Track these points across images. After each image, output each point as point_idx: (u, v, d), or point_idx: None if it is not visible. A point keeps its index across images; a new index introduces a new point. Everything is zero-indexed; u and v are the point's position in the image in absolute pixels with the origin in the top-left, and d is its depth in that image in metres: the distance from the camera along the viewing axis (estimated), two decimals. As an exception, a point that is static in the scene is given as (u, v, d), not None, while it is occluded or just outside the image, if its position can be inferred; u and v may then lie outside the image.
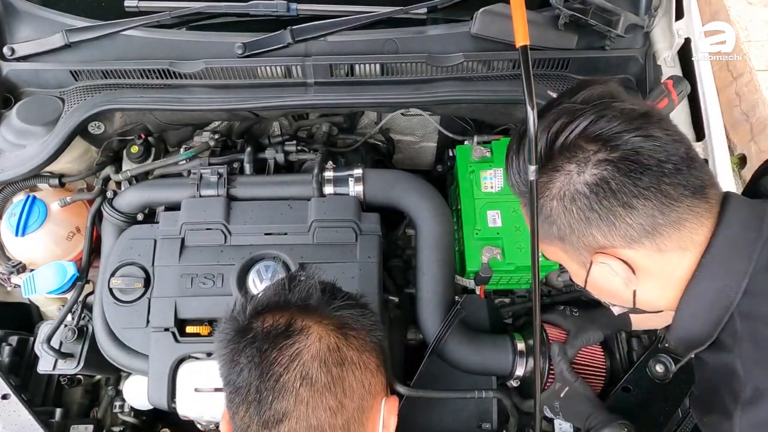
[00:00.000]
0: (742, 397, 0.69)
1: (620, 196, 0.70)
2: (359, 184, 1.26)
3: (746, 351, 0.70)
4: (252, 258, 1.20)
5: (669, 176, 0.70)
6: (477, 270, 1.21)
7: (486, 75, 1.26)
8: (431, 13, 1.26)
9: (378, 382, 0.75)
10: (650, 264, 0.74)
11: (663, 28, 1.30)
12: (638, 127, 0.71)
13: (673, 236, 0.72)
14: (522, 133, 0.79)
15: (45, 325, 1.29)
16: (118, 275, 1.21)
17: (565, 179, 0.74)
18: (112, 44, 1.28)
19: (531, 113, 0.70)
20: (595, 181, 0.71)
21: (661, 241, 0.72)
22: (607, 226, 0.72)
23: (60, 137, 1.26)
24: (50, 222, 1.34)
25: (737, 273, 0.70)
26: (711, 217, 0.73)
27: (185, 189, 1.28)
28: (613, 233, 0.73)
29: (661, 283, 0.76)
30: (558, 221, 0.76)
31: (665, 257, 0.73)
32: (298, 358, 0.68)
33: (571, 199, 0.74)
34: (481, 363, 1.19)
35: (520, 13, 0.79)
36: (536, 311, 0.84)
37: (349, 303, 0.76)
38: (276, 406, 0.67)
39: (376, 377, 0.75)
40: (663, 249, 0.73)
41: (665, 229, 0.71)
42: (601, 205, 0.71)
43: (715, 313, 0.72)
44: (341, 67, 1.25)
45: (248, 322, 0.72)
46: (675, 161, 0.70)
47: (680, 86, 1.17)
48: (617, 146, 0.70)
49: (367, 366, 0.73)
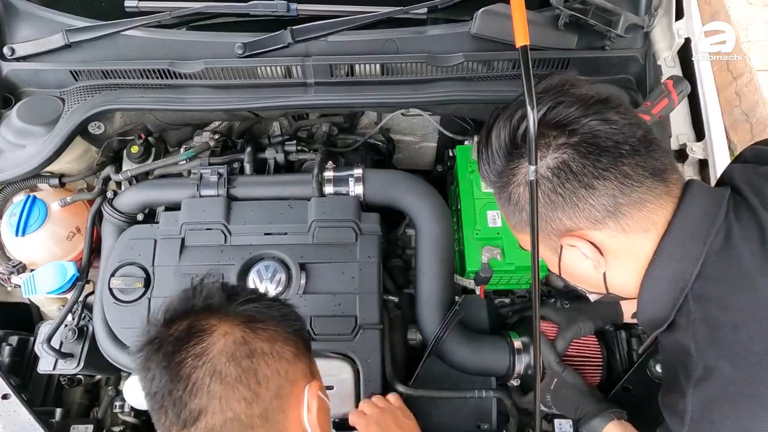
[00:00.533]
0: (694, 376, 0.71)
1: (581, 178, 0.73)
2: (359, 184, 1.26)
3: (699, 331, 0.72)
4: (252, 258, 1.20)
5: (627, 157, 0.73)
6: (477, 270, 1.21)
7: (486, 75, 1.25)
8: (431, 13, 1.26)
9: (297, 369, 0.77)
10: (616, 245, 0.77)
11: (663, 28, 1.30)
12: (595, 112, 0.74)
13: (636, 216, 0.74)
14: (490, 126, 0.82)
15: (45, 325, 1.29)
16: (118, 275, 1.21)
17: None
18: (112, 44, 1.28)
19: (531, 113, 0.70)
20: (557, 165, 0.74)
21: (624, 222, 0.74)
22: (571, 208, 0.75)
23: (60, 137, 1.26)
24: (50, 222, 1.34)
25: (692, 257, 0.73)
26: (671, 200, 0.76)
27: (185, 189, 1.28)
28: (578, 215, 0.75)
29: (627, 265, 0.78)
30: (526, 207, 0.79)
31: (630, 238, 0.76)
32: (205, 356, 0.70)
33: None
34: (479, 363, 1.19)
35: (520, 13, 0.79)
36: (536, 311, 0.84)
37: (252, 298, 0.77)
38: (191, 405, 0.69)
39: (294, 365, 0.76)
40: (627, 229, 0.75)
41: (627, 209, 0.74)
42: (564, 188, 0.74)
43: (672, 295, 0.75)
44: (341, 67, 1.25)
45: (156, 331, 0.73)
46: (632, 143, 0.73)
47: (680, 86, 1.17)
48: (575, 130, 0.73)
49: (282, 355, 0.75)
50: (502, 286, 1.31)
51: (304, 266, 1.18)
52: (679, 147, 1.28)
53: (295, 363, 0.77)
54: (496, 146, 0.81)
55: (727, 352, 0.69)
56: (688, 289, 0.73)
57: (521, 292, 1.35)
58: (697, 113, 1.29)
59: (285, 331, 0.78)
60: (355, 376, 1.14)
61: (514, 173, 0.80)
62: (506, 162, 0.80)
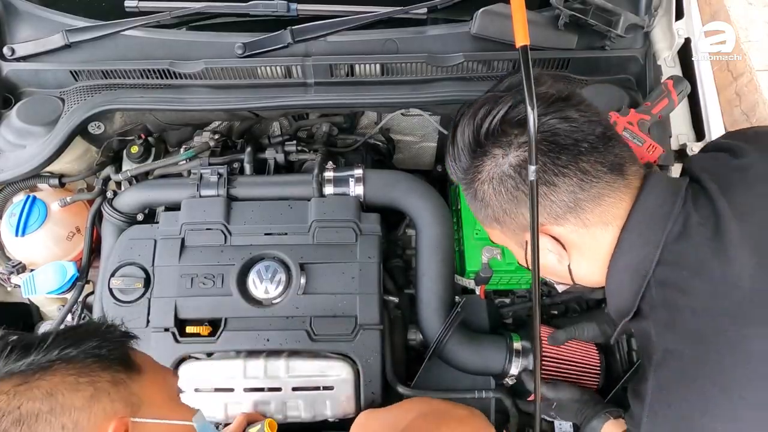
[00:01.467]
0: (655, 359, 0.73)
1: (542, 175, 0.75)
2: (359, 184, 1.26)
3: (659, 316, 0.74)
4: (252, 258, 1.20)
5: (586, 154, 0.75)
6: (477, 270, 1.21)
7: (486, 75, 1.25)
8: (431, 13, 1.26)
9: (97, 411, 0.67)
10: (577, 239, 0.79)
11: (663, 28, 1.30)
12: (555, 110, 0.76)
13: (595, 211, 0.77)
14: (456, 123, 0.84)
15: (45, 325, 1.29)
16: (118, 275, 1.21)
17: (492, 163, 0.79)
18: (112, 44, 1.27)
19: (531, 113, 0.70)
20: (519, 163, 0.77)
21: (584, 216, 0.77)
22: None
23: (60, 137, 1.26)
24: (50, 222, 1.34)
25: (652, 244, 0.75)
26: (630, 193, 0.78)
27: (185, 189, 1.28)
28: (540, 211, 0.77)
29: (590, 257, 0.81)
30: (491, 203, 0.82)
31: (590, 232, 0.78)
32: None
33: (499, 181, 0.79)
34: (478, 363, 1.19)
35: (520, 13, 0.79)
36: (536, 311, 0.84)
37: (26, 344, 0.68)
38: None
39: (91, 407, 0.67)
40: (587, 224, 0.77)
41: (586, 204, 0.76)
42: (526, 185, 0.76)
43: (635, 284, 0.76)
44: (341, 67, 1.25)
45: None
46: (591, 140, 0.75)
47: (680, 86, 1.17)
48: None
49: (71, 403, 0.65)
50: (502, 286, 1.31)
51: (304, 266, 1.18)
52: (679, 147, 1.28)
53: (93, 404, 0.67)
54: (461, 144, 0.83)
55: (684, 336, 0.71)
56: (650, 276, 0.75)
57: (521, 292, 1.35)
58: (697, 113, 1.29)
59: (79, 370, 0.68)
60: (355, 376, 1.14)
61: (479, 170, 0.81)
62: (471, 159, 0.82)
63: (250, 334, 1.15)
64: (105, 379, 0.70)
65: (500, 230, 0.86)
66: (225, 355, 1.16)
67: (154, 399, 0.74)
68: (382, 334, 1.16)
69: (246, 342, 1.15)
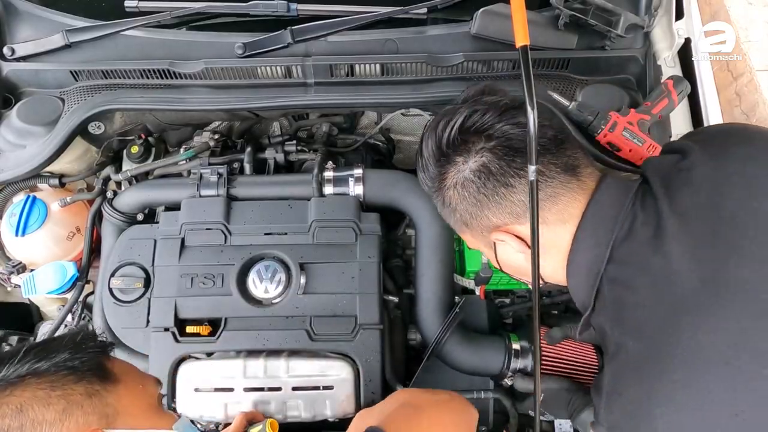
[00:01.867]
0: (609, 353, 0.79)
1: (500, 178, 0.81)
2: (359, 184, 1.26)
3: (610, 312, 0.80)
4: (252, 258, 1.20)
5: (540, 156, 0.79)
6: (477, 270, 1.21)
7: (486, 75, 1.25)
8: (431, 13, 1.26)
9: (64, 428, 0.68)
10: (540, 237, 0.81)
11: (663, 28, 1.30)
12: (509, 117, 0.82)
13: (552, 209, 0.82)
14: (422, 136, 0.90)
15: (45, 325, 1.29)
16: (118, 275, 1.21)
17: (455, 170, 0.85)
18: (112, 44, 1.28)
19: (531, 113, 0.70)
20: (478, 168, 0.82)
21: (543, 215, 0.82)
22: (495, 205, 0.83)
23: (60, 137, 1.26)
24: (50, 222, 1.34)
25: (602, 244, 0.80)
26: (585, 193, 0.83)
27: (185, 189, 1.28)
28: (502, 211, 0.83)
29: (553, 255, 0.86)
30: (458, 208, 0.87)
31: (550, 229, 0.83)
32: None
33: (462, 186, 0.85)
34: (477, 363, 1.19)
35: (520, 13, 0.79)
36: (536, 311, 0.84)
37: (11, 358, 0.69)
38: None
39: (57, 426, 0.67)
40: (546, 222, 0.82)
41: (544, 203, 0.81)
42: (486, 188, 0.82)
43: (590, 281, 0.82)
44: (341, 67, 1.25)
45: None
46: (543, 143, 0.80)
47: (680, 86, 1.17)
48: (491, 135, 0.82)
49: (37, 422, 0.66)
50: (502, 286, 1.31)
51: (304, 266, 1.18)
52: (679, 147, 1.28)
53: (66, 418, 0.68)
54: (427, 154, 0.88)
55: (630, 329, 0.76)
56: (601, 273, 0.80)
57: (521, 292, 1.36)
58: (697, 113, 1.29)
59: (51, 384, 0.68)
60: (355, 376, 1.14)
61: (444, 177, 0.87)
62: (437, 168, 0.87)
63: (250, 334, 1.15)
64: (78, 391, 0.70)
65: (470, 234, 0.91)
66: (225, 355, 1.16)
67: (131, 409, 0.74)
68: (382, 334, 1.16)
69: (246, 342, 1.15)
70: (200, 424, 1.25)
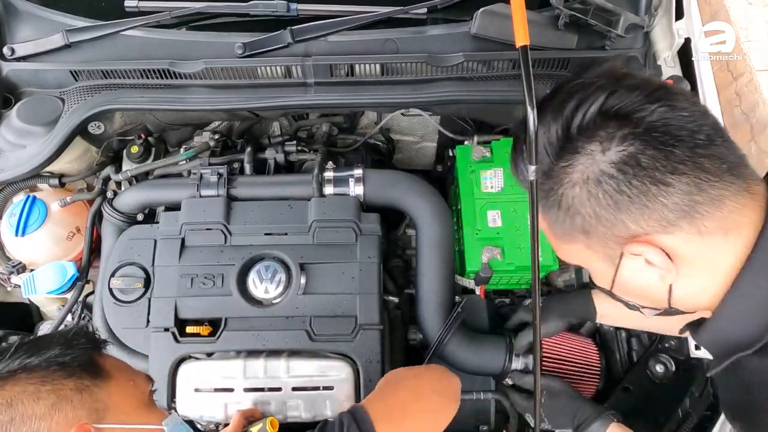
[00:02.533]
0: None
1: (652, 173, 0.63)
2: (359, 184, 1.26)
3: None
4: (252, 258, 1.20)
5: (703, 148, 0.63)
6: (477, 270, 1.21)
7: (486, 75, 1.25)
8: (431, 13, 1.26)
9: (53, 422, 0.68)
10: (690, 250, 0.66)
11: (663, 28, 1.30)
12: (660, 98, 0.64)
13: (715, 216, 0.64)
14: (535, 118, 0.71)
15: (45, 325, 1.29)
16: (118, 275, 1.21)
17: (587, 161, 0.66)
18: (112, 44, 1.28)
19: (531, 113, 0.69)
20: (622, 159, 0.64)
21: (701, 222, 0.64)
22: (638, 209, 0.64)
23: (60, 137, 1.26)
24: (50, 222, 1.34)
25: None
26: (751, 198, 0.66)
27: (185, 189, 1.28)
28: (646, 217, 0.65)
29: (703, 274, 0.68)
30: (582, 210, 0.68)
31: (706, 241, 0.65)
32: None
33: (596, 182, 0.66)
34: (478, 363, 1.19)
35: (520, 13, 0.79)
36: (536, 311, 0.84)
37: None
38: None
39: (47, 420, 0.68)
40: (703, 231, 0.64)
41: (705, 208, 0.63)
42: (631, 185, 0.64)
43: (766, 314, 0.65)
44: (341, 67, 1.25)
45: None
46: (707, 132, 0.64)
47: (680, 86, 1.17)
48: (642, 118, 0.64)
49: (26, 416, 0.67)
50: (502, 286, 1.31)
51: (304, 266, 1.18)
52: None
53: (55, 413, 0.68)
54: (545, 142, 0.70)
55: None
56: None
57: (521, 292, 1.35)
58: (698, 113, 1.29)
59: (41, 378, 0.69)
60: (355, 376, 1.14)
61: (569, 171, 0.68)
62: (558, 159, 0.69)
63: (250, 334, 1.15)
64: (68, 386, 0.70)
65: (585, 244, 0.72)
66: (225, 355, 1.16)
67: (121, 405, 0.74)
68: (382, 334, 1.16)
69: (246, 342, 1.15)
70: (200, 424, 1.25)
